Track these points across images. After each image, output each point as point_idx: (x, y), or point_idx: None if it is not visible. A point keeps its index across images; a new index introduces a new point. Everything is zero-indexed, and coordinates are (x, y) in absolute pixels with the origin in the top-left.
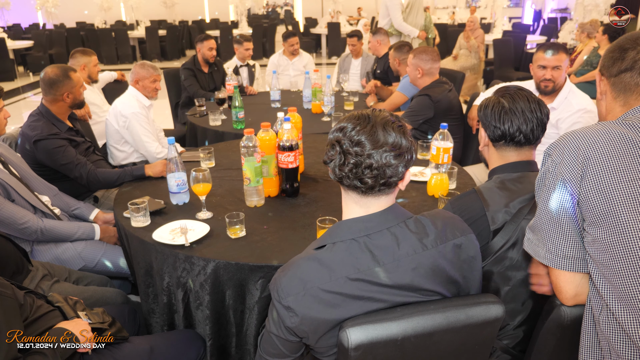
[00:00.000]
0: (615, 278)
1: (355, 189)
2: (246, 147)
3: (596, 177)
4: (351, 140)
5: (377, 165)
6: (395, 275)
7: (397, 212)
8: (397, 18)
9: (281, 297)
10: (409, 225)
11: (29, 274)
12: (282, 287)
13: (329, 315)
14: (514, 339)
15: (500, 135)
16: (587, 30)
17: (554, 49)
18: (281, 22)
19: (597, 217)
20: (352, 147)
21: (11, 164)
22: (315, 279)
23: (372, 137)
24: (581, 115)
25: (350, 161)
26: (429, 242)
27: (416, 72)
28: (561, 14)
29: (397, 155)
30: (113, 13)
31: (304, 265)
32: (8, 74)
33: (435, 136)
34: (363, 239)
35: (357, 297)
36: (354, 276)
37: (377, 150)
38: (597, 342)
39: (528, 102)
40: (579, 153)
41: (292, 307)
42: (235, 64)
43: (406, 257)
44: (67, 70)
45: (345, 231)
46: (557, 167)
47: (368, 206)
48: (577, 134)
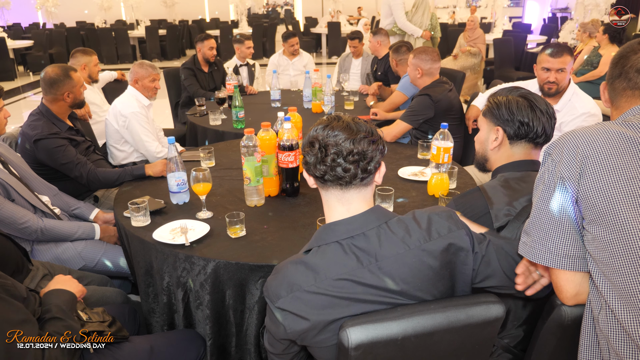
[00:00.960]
0: (615, 276)
1: (337, 183)
2: (246, 147)
3: (595, 175)
4: (327, 135)
5: (357, 150)
6: (379, 278)
7: (378, 214)
8: (401, 17)
9: (272, 300)
10: (391, 226)
11: (29, 274)
12: (272, 290)
13: (318, 317)
14: (514, 338)
15: (525, 133)
16: (588, 30)
17: (558, 51)
18: (281, 21)
19: (596, 215)
20: (330, 138)
21: (11, 164)
22: (302, 282)
23: (346, 129)
24: (585, 119)
25: (331, 151)
26: (412, 242)
27: (416, 72)
28: (562, 14)
29: (373, 141)
30: (113, 12)
31: (291, 269)
32: (8, 74)
33: (436, 136)
34: (347, 242)
35: (344, 298)
36: (338, 277)
37: (354, 138)
38: (596, 342)
39: (546, 104)
40: (577, 151)
41: (283, 308)
42: (235, 64)
43: (389, 258)
44: (68, 69)
45: (329, 234)
46: (557, 166)
47: (350, 202)
48: (575, 133)
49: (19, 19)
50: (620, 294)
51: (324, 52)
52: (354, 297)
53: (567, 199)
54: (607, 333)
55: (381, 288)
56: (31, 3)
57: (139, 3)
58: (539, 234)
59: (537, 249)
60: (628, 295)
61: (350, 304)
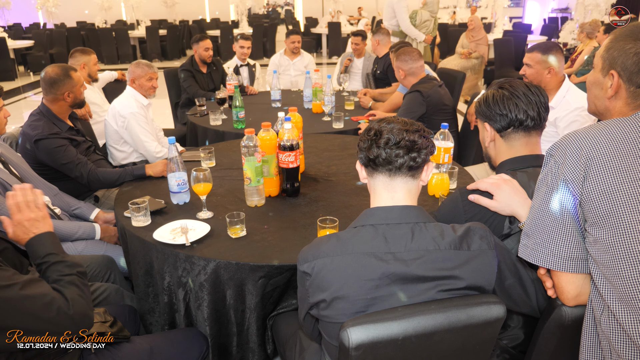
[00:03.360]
0: (616, 279)
1: (385, 168)
2: (247, 147)
3: (599, 177)
4: (384, 125)
5: (408, 138)
6: (402, 264)
7: (419, 212)
8: (405, 21)
9: (300, 263)
10: (428, 227)
11: (29, 274)
12: (302, 255)
13: (334, 287)
14: (514, 339)
15: (508, 123)
16: (588, 30)
17: (532, 47)
18: (282, 21)
19: (599, 218)
20: (386, 127)
21: (11, 164)
22: (329, 250)
23: (401, 122)
24: (578, 114)
25: (384, 135)
26: (443, 244)
27: (399, 74)
28: (562, 14)
29: (424, 136)
30: (113, 13)
31: (324, 240)
32: (8, 74)
33: (436, 136)
34: (382, 227)
35: (362, 273)
36: (363, 251)
37: (408, 129)
38: (597, 342)
39: (527, 86)
40: (581, 153)
41: (306, 271)
42: (236, 64)
43: (417, 250)
44: (68, 69)
45: (368, 217)
46: (560, 168)
47: (395, 190)
48: (579, 134)
49: (19, 19)
50: (620, 297)
51: (324, 52)
52: (372, 278)
53: (570, 201)
54: (608, 334)
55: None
56: (32, 3)
57: (140, 3)
58: (541, 236)
59: (540, 252)
60: (629, 297)
61: (367, 282)
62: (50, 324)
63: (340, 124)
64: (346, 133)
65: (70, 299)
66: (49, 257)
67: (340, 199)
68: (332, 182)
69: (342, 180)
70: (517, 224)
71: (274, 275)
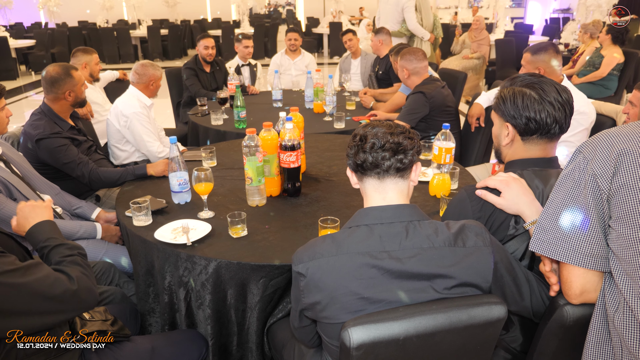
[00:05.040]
0: (637, 275)
1: (374, 172)
2: (248, 147)
3: (630, 172)
4: (368, 130)
5: (393, 140)
6: (397, 262)
7: (412, 211)
8: (413, 20)
9: (295, 263)
10: (422, 225)
11: None
12: (297, 256)
13: (331, 288)
14: (516, 340)
15: (535, 128)
16: (590, 31)
17: (525, 49)
18: (283, 21)
19: (624, 213)
20: (370, 131)
21: (13, 163)
22: (324, 251)
23: (385, 126)
24: (574, 118)
25: (369, 139)
26: (437, 241)
27: (403, 74)
28: (563, 15)
29: (409, 137)
30: (115, 12)
31: (319, 241)
32: (10, 73)
33: (437, 136)
34: (376, 227)
35: (358, 273)
36: (358, 251)
37: (392, 132)
38: (607, 340)
39: (556, 89)
40: (612, 149)
41: (301, 272)
42: (237, 64)
43: (412, 248)
44: (69, 68)
45: (362, 218)
46: (589, 164)
47: (386, 191)
48: (610, 132)
49: (21, 18)
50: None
51: (325, 53)
52: (367, 277)
53: (598, 196)
54: (621, 331)
55: (396, 272)
56: (33, 3)
57: (141, 3)
58: (562, 230)
59: (559, 246)
60: None
61: (363, 282)
62: (57, 302)
63: (342, 124)
64: (347, 133)
65: (75, 277)
66: (49, 241)
67: (341, 199)
68: (333, 182)
69: (343, 180)
70: (522, 224)
71: (275, 275)
